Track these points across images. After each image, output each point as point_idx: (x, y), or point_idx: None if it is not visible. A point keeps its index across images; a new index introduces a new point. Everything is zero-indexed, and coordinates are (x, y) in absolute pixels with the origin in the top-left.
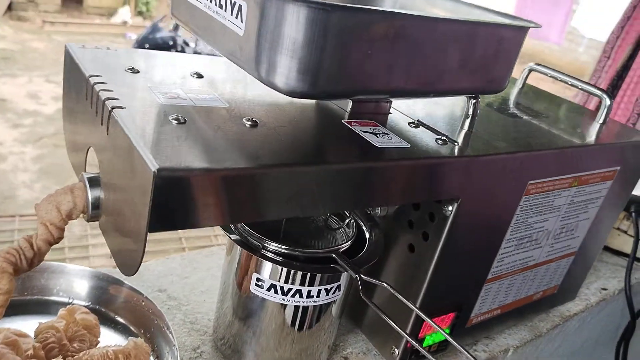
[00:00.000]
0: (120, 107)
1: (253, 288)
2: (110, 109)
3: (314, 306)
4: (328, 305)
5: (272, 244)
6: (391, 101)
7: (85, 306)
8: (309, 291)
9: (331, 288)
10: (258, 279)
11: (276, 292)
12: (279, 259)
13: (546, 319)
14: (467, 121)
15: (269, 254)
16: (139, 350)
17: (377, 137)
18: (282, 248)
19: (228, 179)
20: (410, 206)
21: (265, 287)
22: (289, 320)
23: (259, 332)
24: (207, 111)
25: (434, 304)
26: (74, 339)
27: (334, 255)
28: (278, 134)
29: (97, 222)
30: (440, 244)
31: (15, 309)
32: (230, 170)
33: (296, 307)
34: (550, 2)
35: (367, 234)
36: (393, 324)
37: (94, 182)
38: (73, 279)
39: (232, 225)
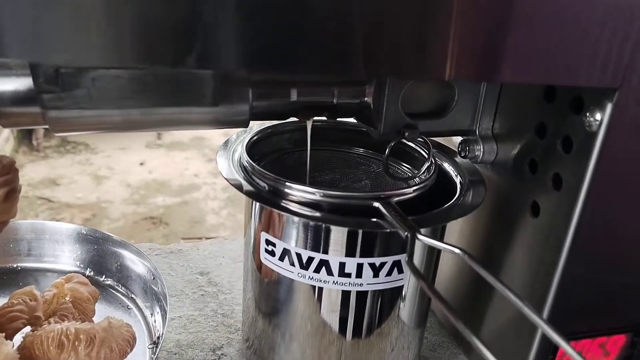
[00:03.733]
0: None
1: (263, 256)
2: None
3: (358, 295)
4: (382, 296)
5: (283, 182)
6: None
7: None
8: (342, 265)
9: (382, 265)
10: (267, 241)
11: (291, 262)
12: (289, 204)
13: None
14: None
15: (277, 199)
16: (109, 334)
17: None
18: (294, 188)
19: None
20: (532, 133)
21: (277, 254)
22: (323, 314)
23: (288, 332)
24: None
25: (582, 312)
26: (56, 313)
27: (377, 205)
28: None
29: None
30: (582, 192)
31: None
32: None
33: (331, 294)
34: None
35: (458, 185)
36: (463, 328)
37: None
38: (55, 241)
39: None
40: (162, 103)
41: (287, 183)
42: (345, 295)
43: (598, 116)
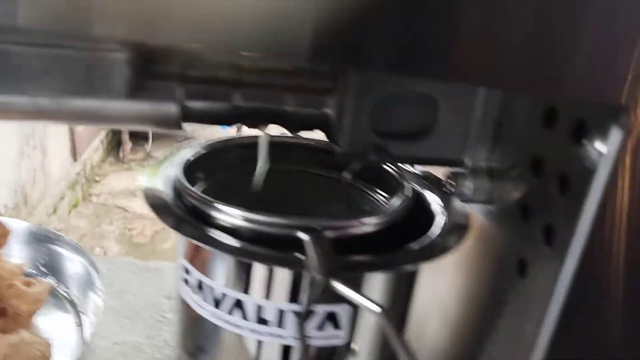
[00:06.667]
0: None
1: (180, 285)
2: None
3: (283, 350)
4: (317, 354)
5: (209, 202)
6: None
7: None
8: (259, 309)
9: (307, 314)
10: (185, 268)
11: (205, 298)
12: (211, 230)
13: None
14: None
15: (196, 221)
16: (15, 350)
17: None
18: (217, 208)
19: None
20: (528, 169)
21: (194, 283)
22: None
23: None
24: None
25: None
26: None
27: (302, 236)
28: None
29: None
30: (574, 250)
31: None
32: None
33: (251, 344)
34: None
35: (438, 224)
36: None
37: None
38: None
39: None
40: (68, 90)
41: (214, 204)
42: (267, 347)
43: (600, 145)
